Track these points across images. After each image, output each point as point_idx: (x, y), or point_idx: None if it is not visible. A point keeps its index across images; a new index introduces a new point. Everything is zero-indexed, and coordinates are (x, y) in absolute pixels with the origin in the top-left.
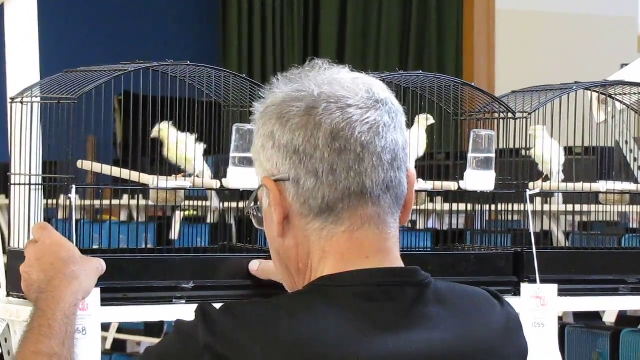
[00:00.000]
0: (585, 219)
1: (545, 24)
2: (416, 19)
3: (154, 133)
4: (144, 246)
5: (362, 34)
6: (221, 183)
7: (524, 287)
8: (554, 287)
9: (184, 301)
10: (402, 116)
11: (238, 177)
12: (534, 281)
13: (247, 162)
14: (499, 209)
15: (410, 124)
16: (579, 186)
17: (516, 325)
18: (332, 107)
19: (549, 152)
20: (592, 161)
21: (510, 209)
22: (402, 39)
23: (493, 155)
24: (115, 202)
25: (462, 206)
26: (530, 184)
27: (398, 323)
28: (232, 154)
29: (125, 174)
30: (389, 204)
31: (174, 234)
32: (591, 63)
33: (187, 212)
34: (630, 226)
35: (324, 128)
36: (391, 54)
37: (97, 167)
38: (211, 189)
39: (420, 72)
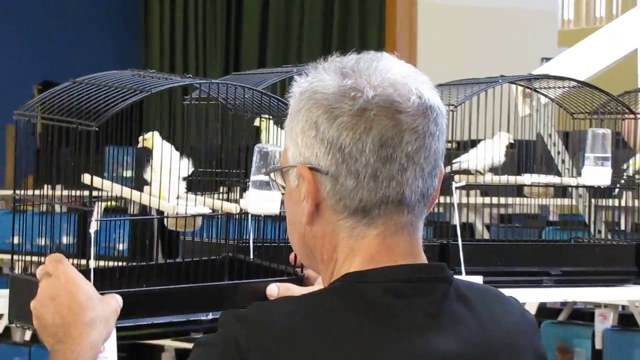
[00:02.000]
0: (507, 211)
1: (467, 18)
2: (339, 11)
3: (140, 142)
4: (64, 241)
5: (284, 26)
6: (240, 207)
7: None
8: (478, 279)
9: (201, 334)
10: (444, 119)
11: (259, 202)
12: (460, 273)
13: (268, 186)
14: None
15: None
16: (504, 179)
17: (533, 323)
18: (384, 113)
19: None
20: (515, 154)
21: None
22: (325, 32)
23: None
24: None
25: None
26: (456, 177)
27: (425, 321)
28: (252, 177)
29: (136, 196)
30: (421, 210)
31: (93, 225)
32: (512, 57)
33: (108, 203)
34: (550, 219)
35: (372, 134)
36: (313, 46)
37: (107, 185)
38: (229, 214)
39: None
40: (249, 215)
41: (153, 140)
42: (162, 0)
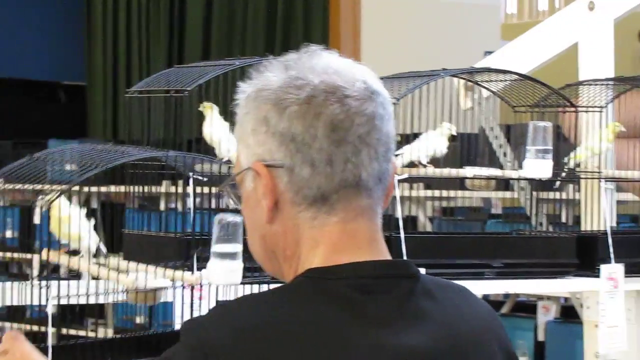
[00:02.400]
0: (450, 204)
1: (411, 11)
2: (282, 3)
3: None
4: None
5: (228, 18)
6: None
7: None
8: (421, 272)
9: None
10: (391, 106)
11: (221, 273)
12: None
13: (230, 257)
14: None
15: None
16: (446, 171)
17: (497, 318)
18: (332, 98)
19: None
20: (457, 147)
21: None
22: (269, 24)
23: None
24: None
25: None
26: (398, 169)
27: (392, 316)
28: (213, 248)
29: (94, 270)
30: (379, 195)
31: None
32: (456, 50)
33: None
34: (493, 212)
35: (323, 118)
36: (257, 39)
37: (64, 259)
38: (193, 285)
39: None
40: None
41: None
42: None
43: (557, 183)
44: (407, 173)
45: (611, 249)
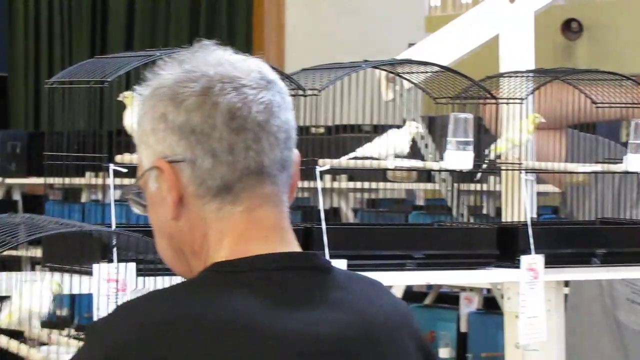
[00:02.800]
0: (372, 196)
1: (335, 2)
2: None
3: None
4: None
5: (151, 9)
6: None
7: None
8: (343, 263)
9: None
10: (289, 97)
11: None
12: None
13: None
14: None
15: None
16: (367, 163)
17: (408, 309)
18: (228, 87)
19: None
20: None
21: (300, 185)
22: (193, 15)
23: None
24: None
25: None
26: (320, 161)
27: (301, 306)
28: None
29: (13, 346)
30: (284, 183)
31: None
32: (381, 42)
33: None
34: (417, 203)
35: (221, 108)
36: (181, 30)
37: None
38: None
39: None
40: None
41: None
42: None
43: (479, 175)
44: (328, 165)
45: (531, 240)
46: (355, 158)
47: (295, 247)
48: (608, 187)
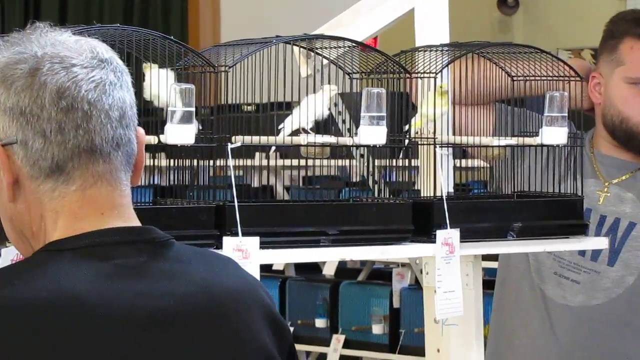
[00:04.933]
0: (308, 173)
1: None
2: None
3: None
4: None
5: None
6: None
7: (226, 240)
8: (255, 240)
9: None
10: (128, 76)
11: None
12: (236, 234)
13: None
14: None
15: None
16: (280, 139)
17: (259, 284)
18: (57, 67)
19: None
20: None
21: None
22: None
23: (193, 109)
24: None
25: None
26: (233, 138)
27: (133, 278)
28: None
29: None
30: (120, 161)
31: None
32: (311, 19)
33: None
34: (352, 180)
35: (49, 88)
36: (115, 11)
37: None
38: None
39: (118, 25)
40: None
41: None
42: None
43: (396, 150)
44: (240, 142)
45: (447, 214)
46: (270, 135)
47: (134, 223)
48: (539, 161)
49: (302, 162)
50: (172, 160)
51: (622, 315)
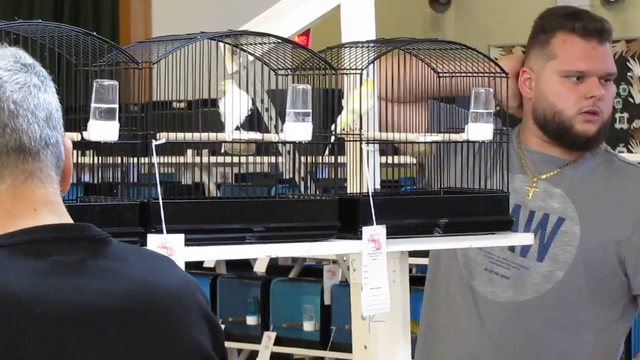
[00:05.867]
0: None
1: None
2: None
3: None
4: None
5: None
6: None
7: (150, 237)
8: (180, 237)
9: None
10: (51, 82)
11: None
12: (160, 231)
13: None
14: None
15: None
16: (204, 136)
17: (195, 283)
18: None
19: None
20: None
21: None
22: None
23: (116, 105)
24: None
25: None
26: (158, 134)
27: (68, 275)
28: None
29: None
30: (50, 160)
31: None
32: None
33: None
34: (285, 177)
35: None
36: (45, 9)
37: None
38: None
39: (40, 20)
40: None
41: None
42: None
43: (324, 146)
44: (164, 138)
45: (372, 211)
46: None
47: (68, 220)
48: (470, 158)
49: (233, 160)
50: (97, 158)
51: (551, 310)
